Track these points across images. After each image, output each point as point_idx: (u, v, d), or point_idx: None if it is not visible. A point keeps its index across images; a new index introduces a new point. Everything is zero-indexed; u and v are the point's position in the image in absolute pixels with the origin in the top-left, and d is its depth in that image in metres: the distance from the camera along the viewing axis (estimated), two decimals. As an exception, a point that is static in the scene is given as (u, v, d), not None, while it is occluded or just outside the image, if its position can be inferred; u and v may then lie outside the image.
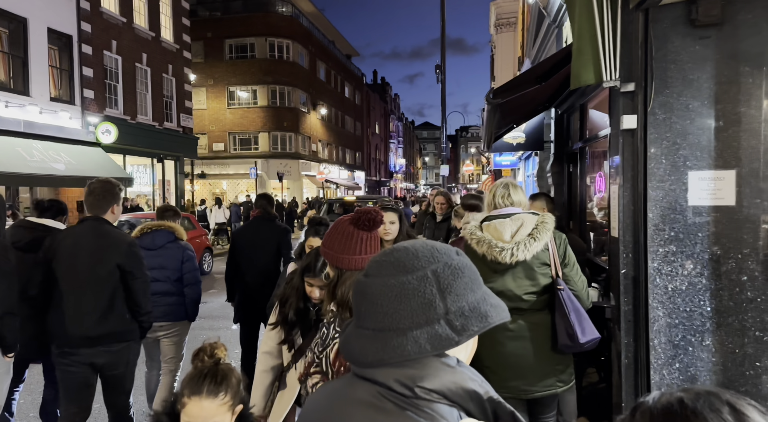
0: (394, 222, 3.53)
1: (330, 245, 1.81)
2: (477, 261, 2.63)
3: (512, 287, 2.73)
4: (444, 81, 14.94)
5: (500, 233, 2.74)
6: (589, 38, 3.33)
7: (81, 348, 3.16)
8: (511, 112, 5.09)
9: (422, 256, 0.86)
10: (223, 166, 33.11)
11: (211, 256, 12.87)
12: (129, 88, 18.02)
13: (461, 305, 0.84)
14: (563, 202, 8.07)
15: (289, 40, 33.72)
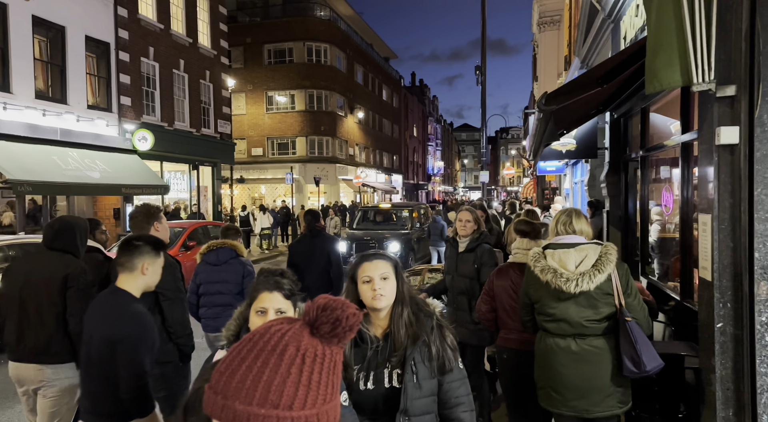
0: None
1: (227, 383, 0.80)
2: (540, 288, 2.93)
3: (574, 315, 2.86)
4: (484, 82, 14.23)
5: (564, 263, 2.83)
6: (674, 30, 2.65)
7: None
8: (562, 118, 4.43)
9: None
10: (262, 170, 33.17)
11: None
12: (166, 95, 18.01)
13: None
14: (619, 215, 7.28)
15: (327, 44, 33.52)
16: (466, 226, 4.33)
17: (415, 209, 14.76)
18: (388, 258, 2.04)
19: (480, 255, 4.32)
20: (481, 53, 14.42)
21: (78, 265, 3.26)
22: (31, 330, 3.16)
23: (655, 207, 6.12)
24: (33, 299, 3.17)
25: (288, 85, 33.05)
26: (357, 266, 2.02)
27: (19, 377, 3.23)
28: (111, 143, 15.06)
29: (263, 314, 1.92)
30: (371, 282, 1.96)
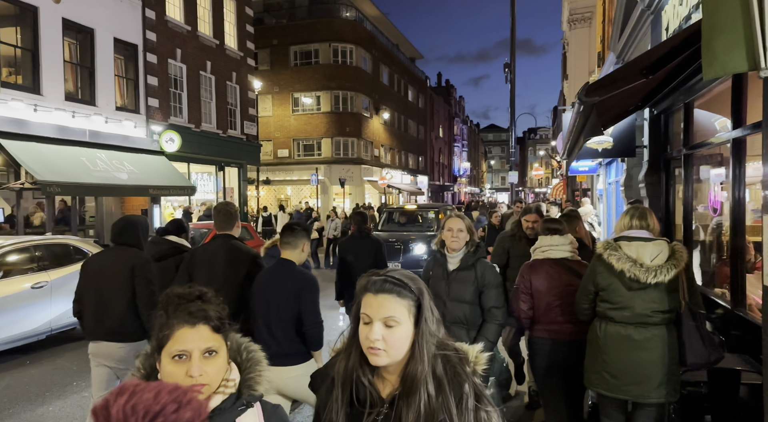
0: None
1: None
2: (611, 276, 3.09)
3: (640, 304, 3.04)
4: (513, 80, 13.86)
5: (641, 255, 3.02)
6: (738, 8, 2.35)
7: None
8: (601, 113, 4.11)
9: None
10: (288, 172, 33.26)
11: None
12: (193, 96, 18.11)
13: None
14: (659, 217, 6.89)
15: (353, 45, 33.45)
16: (458, 237, 3.45)
17: (441, 210, 14.47)
18: (404, 293, 1.37)
19: (482, 273, 3.44)
20: (511, 51, 14.05)
21: (142, 257, 3.80)
22: (107, 314, 3.68)
23: (702, 209, 5.73)
24: (107, 287, 3.70)
25: (314, 86, 33.08)
26: (359, 296, 1.40)
27: (99, 353, 3.74)
28: (138, 144, 15.18)
29: (184, 359, 1.33)
30: (370, 325, 1.35)
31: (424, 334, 1.35)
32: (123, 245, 3.86)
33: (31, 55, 12.28)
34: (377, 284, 1.37)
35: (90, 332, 3.77)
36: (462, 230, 3.42)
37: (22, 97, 11.82)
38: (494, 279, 3.47)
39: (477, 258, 3.47)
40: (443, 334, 1.41)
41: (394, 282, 1.37)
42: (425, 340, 1.35)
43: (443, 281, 3.48)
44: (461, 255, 3.46)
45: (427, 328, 1.36)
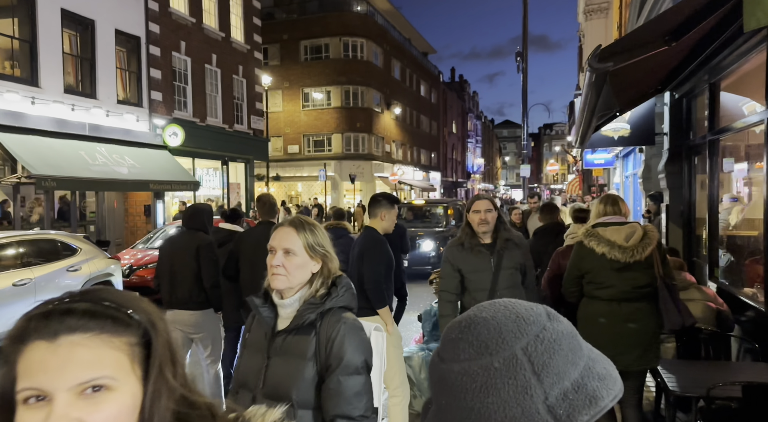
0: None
1: None
2: (593, 260, 3.33)
3: (623, 282, 3.29)
4: (525, 70, 13.27)
5: (617, 237, 3.30)
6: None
7: None
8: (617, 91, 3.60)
9: (506, 331, 0.68)
10: (298, 168, 32.94)
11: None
12: (198, 90, 17.80)
13: (564, 386, 0.66)
14: (680, 209, 6.35)
15: (363, 39, 32.98)
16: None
17: (451, 206, 13.97)
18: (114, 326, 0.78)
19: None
20: (523, 39, 13.48)
21: (207, 239, 4.44)
22: (179, 287, 4.37)
23: (728, 199, 5.19)
24: (178, 264, 4.38)
25: (324, 81, 32.68)
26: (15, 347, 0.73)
27: (175, 320, 4.35)
28: (141, 138, 14.89)
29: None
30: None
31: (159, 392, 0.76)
32: (191, 229, 4.52)
33: (28, 46, 12.01)
34: (53, 321, 0.72)
35: (166, 301, 4.47)
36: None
37: (18, 89, 11.55)
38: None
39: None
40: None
41: (87, 311, 0.74)
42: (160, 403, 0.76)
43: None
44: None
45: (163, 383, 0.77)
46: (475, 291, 3.37)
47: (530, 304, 0.73)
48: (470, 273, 3.40)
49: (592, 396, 0.66)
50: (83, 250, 8.08)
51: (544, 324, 0.70)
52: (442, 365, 0.71)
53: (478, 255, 3.36)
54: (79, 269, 7.83)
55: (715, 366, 3.57)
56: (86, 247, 8.20)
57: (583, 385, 0.67)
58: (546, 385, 0.66)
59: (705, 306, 4.01)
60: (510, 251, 3.38)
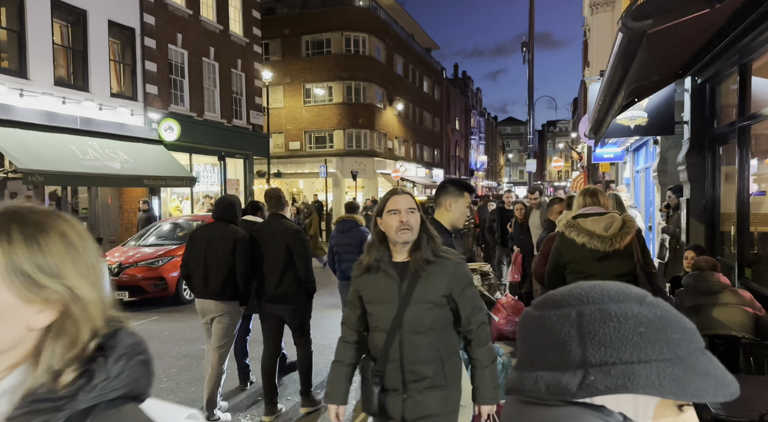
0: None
1: None
2: (575, 250, 3.42)
3: (602, 271, 3.32)
4: (531, 61, 12.80)
5: (597, 227, 3.38)
6: None
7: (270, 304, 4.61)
8: (656, 57, 3.14)
9: (577, 294, 0.74)
10: (299, 164, 32.53)
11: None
12: (195, 84, 17.37)
13: (608, 359, 0.68)
14: (703, 204, 5.88)
15: (366, 34, 32.50)
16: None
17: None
18: None
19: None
20: (529, 31, 13.01)
21: (242, 233, 4.56)
22: (213, 278, 4.49)
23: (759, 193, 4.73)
24: (213, 256, 4.48)
25: (325, 76, 32.23)
26: None
27: (204, 309, 4.58)
28: (135, 133, 14.47)
29: None
30: None
31: None
32: (224, 221, 4.61)
33: (16, 36, 11.59)
34: None
35: (198, 291, 4.60)
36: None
37: (6, 80, 11.13)
38: None
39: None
40: None
41: None
42: None
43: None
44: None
45: None
46: (374, 330, 2.39)
47: (635, 288, 0.74)
48: (371, 304, 2.39)
49: (629, 379, 0.66)
50: (67, 248, 7.67)
51: (623, 302, 0.71)
52: (527, 310, 0.80)
53: (384, 278, 2.34)
54: (61, 267, 7.42)
55: (766, 385, 3.09)
56: (70, 245, 7.79)
57: (631, 369, 0.66)
58: (588, 350, 0.68)
59: (742, 312, 3.56)
60: (430, 277, 2.28)
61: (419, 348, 2.28)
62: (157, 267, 9.63)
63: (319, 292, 7.97)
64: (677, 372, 0.66)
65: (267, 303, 4.57)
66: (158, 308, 9.47)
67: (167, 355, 6.74)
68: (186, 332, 7.89)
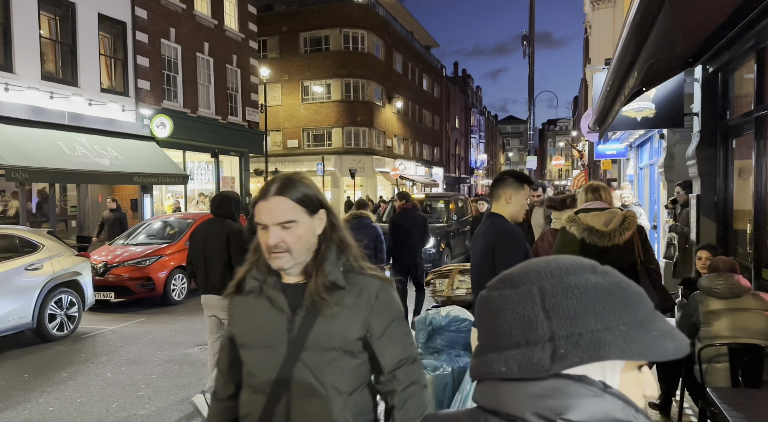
0: None
1: None
2: (575, 245, 3.42)
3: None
4: (532, 54, 12.47)
5: (596, 222, 3.39)
6: None
7: None
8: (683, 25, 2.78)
9: (534, 270, 0.74)
10: (297, 163, 32.18)
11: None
12: (189, 80, 17.03)
13: (575, 331, 0.68)
14: (714, 201, 5.55)
15: (364, 31, 32.16)
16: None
17: (452, 200, 13.18)
18: None
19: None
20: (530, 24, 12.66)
21: (235, 227, 4.61)
22: (213, 273, 4.56)
23: (779, 187, 4.39)
24: (211, 251, 4.55)
25: (324, 74, 31.90)
26: None
27: (208, 303, 4.67)
28: (126, 129, 14.14)
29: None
30: None
31: None
32: (219, 216, 4.69)
33: (1, 29, 11.26)
34: None
35: (202, 287, 4.72)
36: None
37: (-10, 74, 10.82)
38: None
39: None
40: None
41: None
42: None
43: None
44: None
45: None
46: (248, 388, 1.54)
47: (585, 259, 0.76)
48: (245, 349, 1.54)
49: (599, 346, 0.67)
50: (46, 247, 7.34)
51: (579, 273, 0.72)
52: (483, 292, 0.79)
53: (267, 309, 1.51)
54: (39, 267, 7.10)
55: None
56: (50, 244, 7.46)
57: (599, 337, 0.67)
58: (555, 323, 0.69)
59: (765, 318, 3.22)
60: (337, 310, 1.47)
61: (315, 420, 1.46)
62: (144, 267, 9.29)
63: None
64: (639, 335, 0.68)
65: None
66: (146, 309, 9.15)
67: (148, 360, 6.42)
68: (171, 335, 7.57)
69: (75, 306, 7.58)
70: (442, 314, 4.49)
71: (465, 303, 5.52)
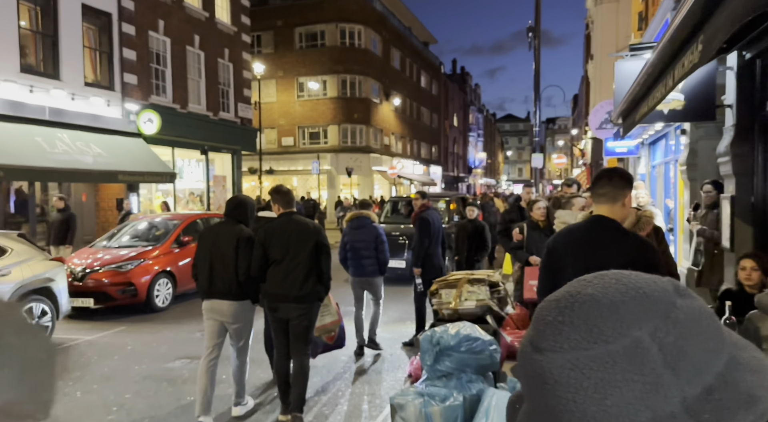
0: None
1: None
2: None
3: None
4: (538, 46, 11.88)
5: None
6: None
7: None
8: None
9: (625, 310, 0.51)
10: (293, 161, 31.57)
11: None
12: (179, 74, 16.40)
13: (706, 382, 0.50)
14: (751, 202, 4.99)
15: (361, 26, 31.53)
16: None
17: (453, 200, 12.61)
18: None
19: None
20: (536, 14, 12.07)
21: (246, 232, 4.52)
22: (219, 278, 4.45)
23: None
24: (219, 256, 4.45)
25: (320, 70, 31.26)
26: None
27: (212, 309, 4.52)
28: (111, 125, 13.51)
29: None
30: None
31: None
32: (232, 219, 4.57)
33: (-24, 18, 10.63)
34: None
35: (204, 291, 4.51)
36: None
37: (-37, 66, 10.19)
38: None
39: None
40: None
41: None
42: None
43: None
44: None
45: None
46: None
47: (651, 276, 0.56)
48: None
49: (749, 395, 0.50)
50: (14, 251, 6.75)
51: (674, 301, 0.53)
52: (537, 356, 0.54)
53: None
54: (7, 274, 6.50)
55: None
56: (19, 247, 6.86)
57: (733, 380, 0.51)
58: (683, 381, 0.50)
59: None
60: None
61: None
62: (125, 272, 8.69)
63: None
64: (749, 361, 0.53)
65: (278, 302, 4.42)
66: (127, 317, 8.54)
67: (124, 376, 5.82)
68: (152, 346, 6.97)
69: (47, 316, 6.98)
70: (451, 332, 3.91)
71: (474, 316, 4.94)
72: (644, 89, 3.57)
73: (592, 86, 28.68)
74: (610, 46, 25.66)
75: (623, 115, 5.03)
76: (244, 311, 4.52)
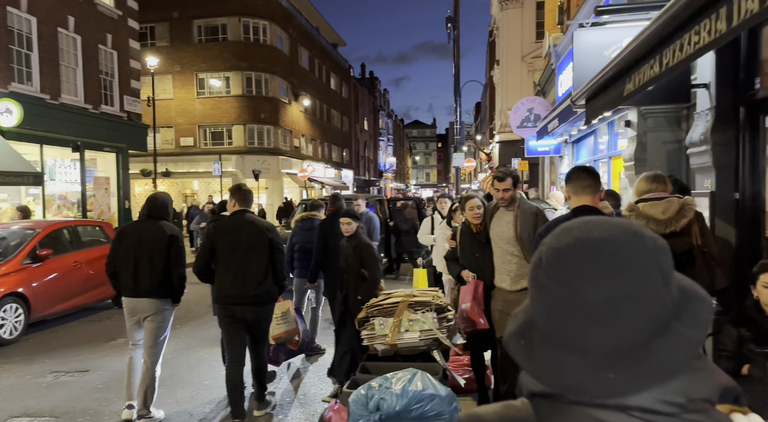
0: None
1: None
2: None
3: None
4: (457, 37, 11.07)
5: (654, 212, 3.41)
6: None
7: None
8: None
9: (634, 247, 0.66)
10: (193, 163, 29.04)
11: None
12: (48, 59, 13.95)
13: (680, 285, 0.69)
14: (734, 199, 4.25)
15: (266, 21, 29.72)
16: None
17: (370, 201, 11.49)
18: None
19: None
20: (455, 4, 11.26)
21: (176, 229, 4.62)
22: (146, 276, 4.40)
23: None
24: (146, 254, 4.40)
25: (222, 66, 29.06)
26: None
27: (135, 308, 4.50)
28: (-46, 115, 11.00)
29: None
30: None
31: None
32: (153, 218, 4.54)
33: None
34: None
35: (128, 290, 4.47)
36: None
37: None
38: None
39: None
40: None
41: None
42: None
43: None
44: None
45: None
46: None
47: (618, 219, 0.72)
48: None
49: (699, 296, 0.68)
50: None
51: (649, 234, 0.68)
52: (573, 293, 0.66)
53: None
54: None
55: None
56: None
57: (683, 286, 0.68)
58: (672, 289, 0.66)
59: None
60: None
61: None
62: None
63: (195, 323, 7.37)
64: None
65: (233, 305, 4.28)
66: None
67: None
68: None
69: None
70: (395, 390, 2.69)
71: (415, 352, 3.76)
72: (631, 62, 2.68)
73: (498, 91, 28.92)
74: (515, 49, 26.01)
75: (589, 96, 4.13)
76: (164, 309, 4.47)
